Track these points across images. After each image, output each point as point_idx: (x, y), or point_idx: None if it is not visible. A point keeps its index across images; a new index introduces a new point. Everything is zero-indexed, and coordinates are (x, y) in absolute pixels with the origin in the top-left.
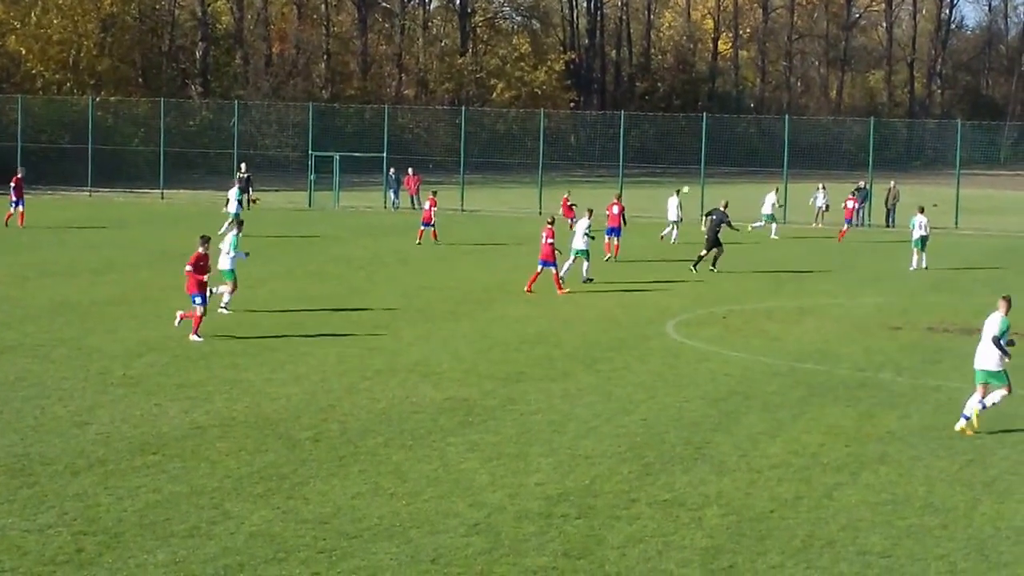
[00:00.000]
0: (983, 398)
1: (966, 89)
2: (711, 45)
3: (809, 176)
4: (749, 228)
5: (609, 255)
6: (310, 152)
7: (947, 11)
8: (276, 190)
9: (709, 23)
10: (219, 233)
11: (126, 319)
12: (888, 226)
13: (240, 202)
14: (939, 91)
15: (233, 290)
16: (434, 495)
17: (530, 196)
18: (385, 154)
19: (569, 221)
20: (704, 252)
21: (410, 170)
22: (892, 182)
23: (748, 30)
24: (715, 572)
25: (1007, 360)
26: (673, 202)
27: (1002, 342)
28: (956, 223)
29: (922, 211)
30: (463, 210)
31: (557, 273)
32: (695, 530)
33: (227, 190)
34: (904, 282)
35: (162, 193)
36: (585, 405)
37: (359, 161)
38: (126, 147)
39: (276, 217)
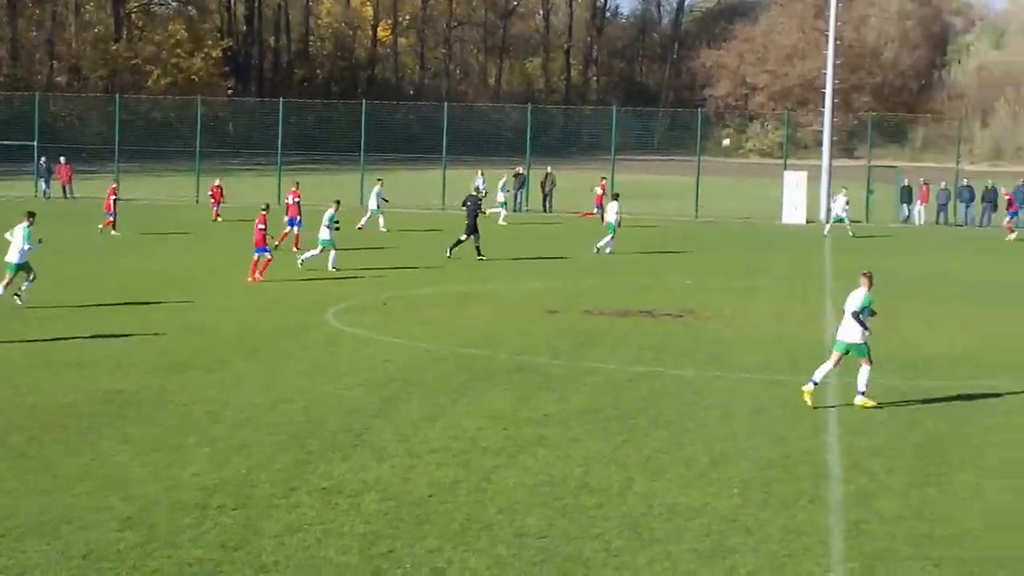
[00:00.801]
0: (834, 367)
1: (621, 76)
2: (370, 32)
3: (469, 163)
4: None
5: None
6: None
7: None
8: None
9: (368, 10)
10: None
11: None
12: (545, 211)
13: None
14: (595, 78)
15: (33, 279)
16: (86, 490)
17: (188, 185)
18: (36, 143)
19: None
20: (463, 237)
21: (62, 159)
22: (548, 168)
23: (407, 17)
24: (374, 558)
25: (867, 333)
26: (374, 191)
27: (863, 316)
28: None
29: (616, 198)
30: (119, 199)
31: (267, 260)
32: (354, 517)
33: None
34: (562, 266)
35: None
36: (244, 394)
37: (8, 150)
38: None
39: None
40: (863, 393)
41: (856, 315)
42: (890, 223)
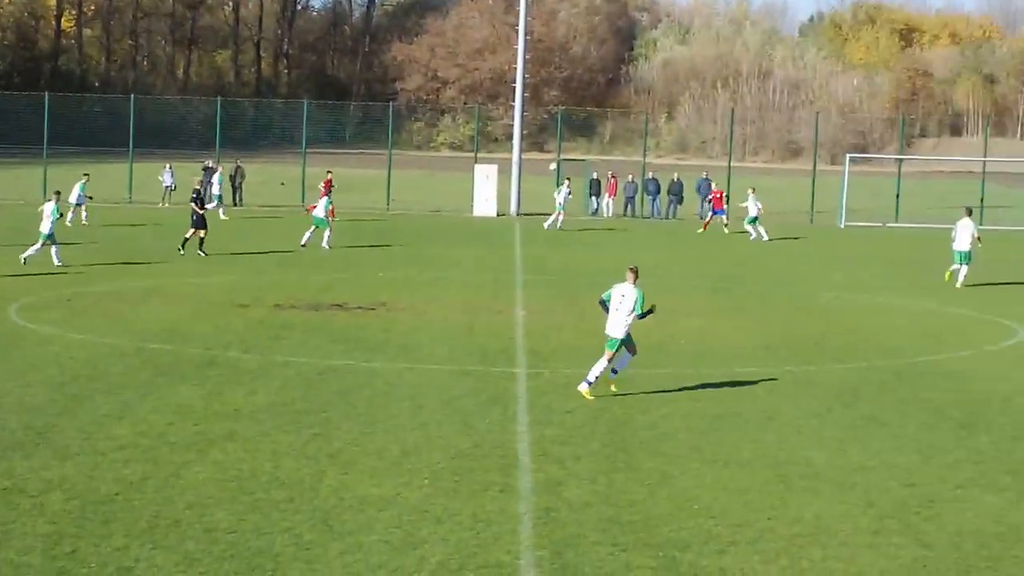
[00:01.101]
0: (610, 363)
1: (312, 69)
2: (54, 22)
3: (157, 156)
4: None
5: None
6: None
7: None
8: None
9: (52, 0)
10: None
11: None
12: (235, 204)
13: None
14: (286, 71)
15: None
16: None
17: None
18: None
19: None
20: (202, 233)
21: None
22: (236, 161)
23: (92, 8)
24: (57, 558)
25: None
26: (78, 185)
27: (641, 313)
28: (303, 201)
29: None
30: None
31: None
32: (36, 517)
33: None
34: (253, 261)
35: None
36: None
37: None
38: None
39: None
40: (590, 383)
41: (641, 315)
42: (580, 216)
